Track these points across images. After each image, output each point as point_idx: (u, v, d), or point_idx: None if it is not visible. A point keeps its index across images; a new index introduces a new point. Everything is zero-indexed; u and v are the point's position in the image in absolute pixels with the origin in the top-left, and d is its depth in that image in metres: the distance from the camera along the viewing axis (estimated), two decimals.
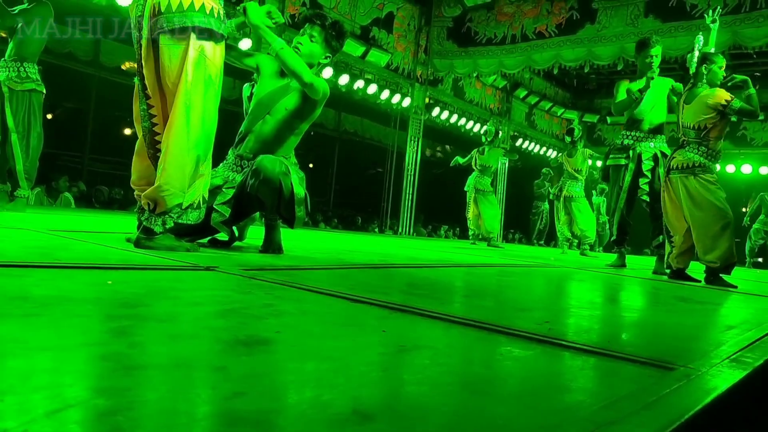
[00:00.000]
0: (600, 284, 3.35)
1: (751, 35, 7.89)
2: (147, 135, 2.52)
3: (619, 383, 1.02)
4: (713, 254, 3.85)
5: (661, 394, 0.92)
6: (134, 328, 1.07)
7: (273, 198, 2.85)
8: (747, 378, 1.11)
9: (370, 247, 4.71)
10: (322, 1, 9.31)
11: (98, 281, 1.56)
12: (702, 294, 3.07)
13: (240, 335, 1.08)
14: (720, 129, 4.03)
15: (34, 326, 1.02)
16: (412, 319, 1.46)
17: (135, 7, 2.51)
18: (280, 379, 0.85)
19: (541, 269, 4.07)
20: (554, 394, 0.94)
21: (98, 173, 9.81)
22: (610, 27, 8.97)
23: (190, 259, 2.20)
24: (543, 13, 9.59)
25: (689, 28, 8.06)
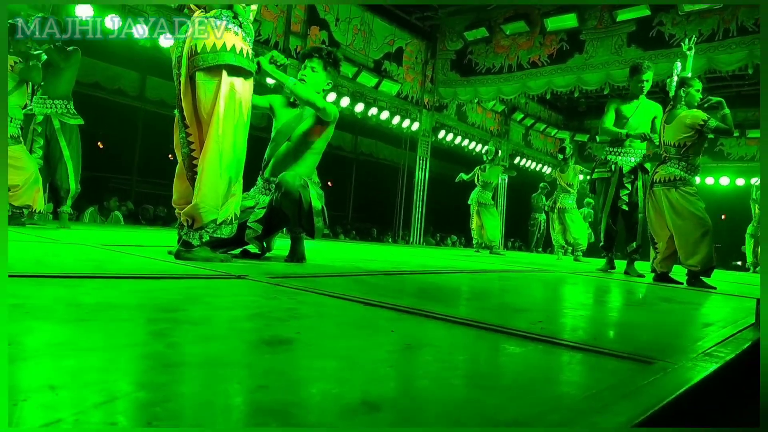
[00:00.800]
0: (590, 287, 3.33)
1: (725, 60, 7.84)
2: (185, 160, 2.56)
3: (603, 376, 1.02)
4: (694, 259, 3.81)
5: (639, 385, 0.92)
6: (172, 330, 1.09)
7: (294, 209, 2.91)
8: (719, 370, 1.10)
9: (384, 256, 4.72)
10: (339, 38, 9.41)
11: (141, 289, 1.58)
12: (684, 295, 3.03)
13: (265, 336, 1.09)
14: (698, 146, 4.00)
15: (85, 330, 1.04)
16: (419, 320, 1.46)
17: (175, 48, 2.57)
18: (299, 375, 0.86)
19: (537, 274, 4.04)
20: (544, 386, 0.94)
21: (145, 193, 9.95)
22: (596, 56, 8.95)
23: (223, 269, 2.22)
24: (536, 44, 9.60)
25: (668, 55, 8.03)
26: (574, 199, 8.51)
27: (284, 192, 2.89)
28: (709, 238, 3.81)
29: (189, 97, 2.48)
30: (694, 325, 1.95)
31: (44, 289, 1.41)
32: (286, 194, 2.89)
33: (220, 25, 2.45)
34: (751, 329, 1.70)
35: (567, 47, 9.27)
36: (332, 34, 9.32)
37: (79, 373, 0.76)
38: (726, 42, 7.81)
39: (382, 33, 10.24)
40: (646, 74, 4.65)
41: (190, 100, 2.48)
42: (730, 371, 1.19)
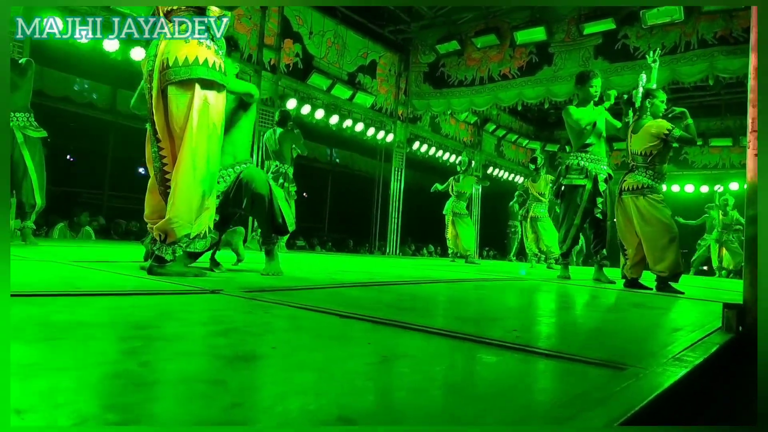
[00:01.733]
0: (563, 294, 3.37)
1: (687, 72, 8.09)
2: (158, 174, 2.52)
3: (576, 383, 1.03)
4: (662, 264, 3.89)
5: (611, 392, 0.93)
6: (145, 348, 1.06)
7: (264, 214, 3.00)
8: (688, 374, 1.13)
9: (361, 267, 4.71)
10: (313, 51, 9.43)
11: (113, 306, 1.55)
12: (653, 300, 3.09)
13: (240, 351, 1.07)
14: (664, 154, 4.10)
15: (55, 349, 1.01)
16: (396, 331, 1.46)
17: (147, 62, 2.54)
18: (274, 390, 0.85)
19: (512, 282, 4.08)
20: (518, 394, 0.95)
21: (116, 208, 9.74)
22: (565, 68, 9.15)
23: (197, 284, 2.19)
24: (506, 57, 9.77)
25: (633, 67, 8.26)
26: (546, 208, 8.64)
27: (255, 194, 2.96)
28: (675, 244, 3.90)
29: (161, 111, 2.45)
30: (664, 330, 1.98)
31: (13, 308, 1.37)
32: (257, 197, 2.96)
33: (191, 40, 2.43)
34: (718, 333, 1.74)
35: (536, 60, 9.46)
36: (306, 47, 9.34)
37: (49, 394, 0.74)
38: (687, 54, 8.07)
39: (356, 46, 10.30)
40: (596, 80, 4.71)
41: (162, 114, 2.45)
42: (699, 375, 1.21)
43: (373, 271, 4.21)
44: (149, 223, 2.59)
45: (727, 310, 1.79)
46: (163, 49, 2.43)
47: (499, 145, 14.77)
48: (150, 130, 2.54)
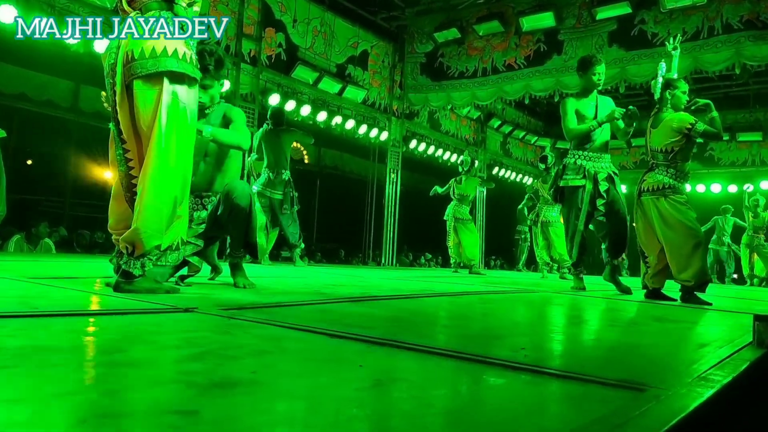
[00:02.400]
0: (577, 308, 3.37)
1: (711, 60, 8.14)
2: (123, 179, 2.52)
3: (591, 407, 1.03)
4: (687, 273, 3.90)
5: (630, 417, 0.93)
6: (110, 376, 1.06)
7: (241, 227, 3.08)
8: (715, 395, 1.13)
9: (353, 281, 4.70)
10: (297, 41, 9.45)
11: (75, 329, 1.54)
12: (677, 313, 3.10)
13: (215, 377, 1.07)
14: (686, 151, 4.12)
15: (9, 378, 1.00)
16: (391, 352, 1.46)
17: (108, 55, 2.53)
18: (253, 421, 0.84)
19: (520, 295, 4.09)
20: (528, 421, 0.94)
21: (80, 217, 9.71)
22: (576, 57, 9.15)
23: (169, 301, 2.18)
24: (512, 46, 9.82)
25: (651, 55, 8.32)
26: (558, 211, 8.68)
27: (234, 205, 3.02)
28: (701, 250, 3.92)
29: (126, 109, 2.45)
30: (689, 346, 1.99)
31: None
32: (237, 207, 3.02)
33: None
34: (749, 348, 1.75)
35: (545, 48, 9.51)
36: (289, 37, 9.36)
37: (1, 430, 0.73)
38: (711, 41, 8.13)
39: (345, 35, 10.33)
40: (600, 66, 4.69)
41: (128, 111, 2.45)
42: (727, 395, 1.21)
43: (367, 285, 4.20)
44: (114, 234, 2.58)
45: (759, 323, 1.79)
46: (128, 40, 2.43)
47: (505, 142, 14.83)
48: (114, 131, 2.53)
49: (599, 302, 3.76)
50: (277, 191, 7.01)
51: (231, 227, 3.09)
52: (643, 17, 8.67)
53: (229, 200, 3.04)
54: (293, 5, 9.40)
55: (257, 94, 8.88)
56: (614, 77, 8.89)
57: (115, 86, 2.47)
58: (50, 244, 7.91)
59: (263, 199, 6.83)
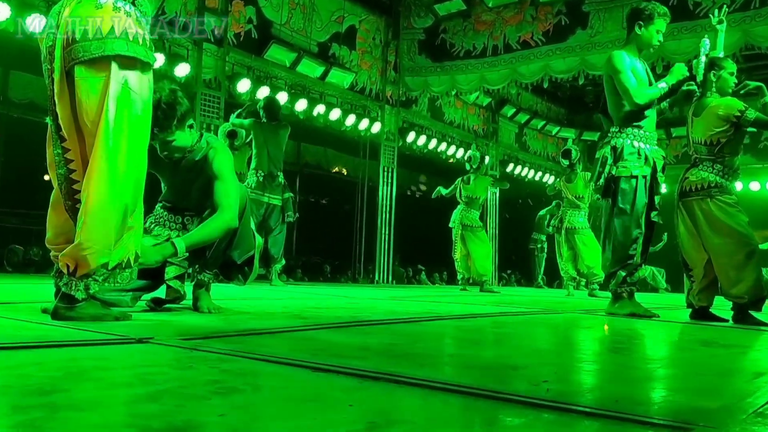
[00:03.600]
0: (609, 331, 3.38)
1: (764, 34, 8.19)
2: (63, 184, 2.51)
3: None
4: (739, 288, 3.92)
5: None
6: (47, 421, 1.05)
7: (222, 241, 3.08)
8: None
9: (341, 302, 4.69)
10: (271, 16, 9.47)
11: (5, 365, 1.53)
12: (728, 336, 3.12)
13: (176, 421, 1.07)
14: (735, 143, 4.15)
15: None
16: (386, 387, 1.46)
17: (46, 38, 2.53)
18: None
19: (540, 317, 4.09)
20: None
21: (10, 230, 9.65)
22: (604, 32, 9.26)
23: (119, 330, 2.17)
24: (527, 19, 9.88)
25: (694, 29, 8.37)
26: (586, 216, 8.71)
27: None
28: (755, 260, 3.94)
29: (66, 100, 2.44)
30: (743, 376, 2.00)
31: None
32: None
33: (106, 4, 2.43)
34: None
35: (566, 22, 9.57)
36: (261, 10, 9.38)
37: None
38: (764, 10, 8.19)
39: (328, 8, 10.37)
40: (664, 21, 4.36)
41: (68, 103, 2.44)
42: None
43: (358, 307, 4.20)
44: (53, 249, 2.57)
45: None
46: (68, 18, 2.43)
47: (521, 134, 14.91)
48: (52, 126, 2.52)
49: (634, 323, 3.77)
50: (275, 196, 7.09)
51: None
52: None
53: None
54: None
55: (223, 80, 8.87)
56: (649, 56, 8.92)
57: (53, 73, 2.47)
58: None
59: (257, 205, 6.87)
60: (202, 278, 3.19)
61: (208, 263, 3.17)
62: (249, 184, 7.00)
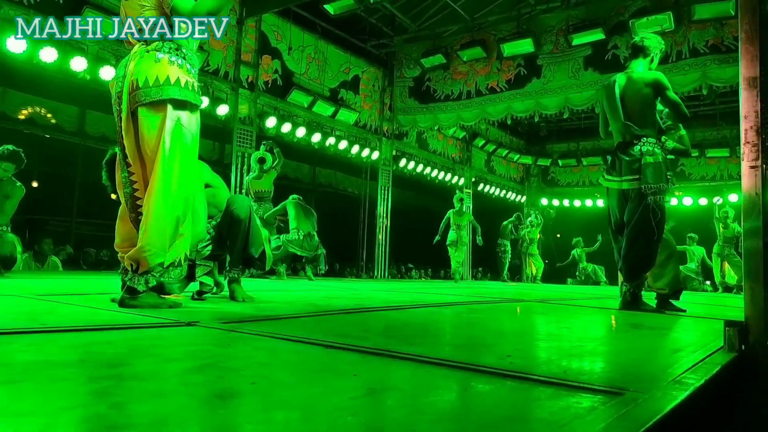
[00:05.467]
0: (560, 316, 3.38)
1: (680, 82, 8.25)
2: (128, 200, 2.51)
3: (573, 411, 1.03)
4: (662, 281, 3.92)
5: (609, 420, 0.94)
6: (115, 389, 1.05)
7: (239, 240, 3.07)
8: (689, 398, 1.13)
9: (347, 293, 4.68)
10: (293, 67, 9.50)
11: (82, 343, 1.52)
12: (653, 320, 3.12)
13: (217, 389, 1.06)
14: None
15: (17, 392, 0.99)
16: (384, 361, 1.46)
17: (115, 84, 2.54)
18: (251, 431, 0.84)
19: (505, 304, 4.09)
20: (513, 425, 0.94)
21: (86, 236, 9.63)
22: (554, 80, 9.30)
23: (172, 316, 2.17)
24: (494, 70, 9.92)
25: None
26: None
27: (234, 216, 3.03)
28: (674, 260, 3.94)
29: (131, 134, 2.45)
30: (664, 352, 2.00)
31: None
32: (235, 217, 3.03)
33: (162, 58, 2.44)
34: (720, 352, 1.76)
35: (525, 72, 9.62)
36: (285, 63, 9.40)
37: None
38: (680, 64, 8.25)
39: (338, 61, 10.40)
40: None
41: (133, 137, 2.45)
42: (701, 398, 1.22)
43: (361, 297, 4.19)
44: (120, 252, 2.57)
45: (729, 329, 1.81)
46: (132, 69, 2.44)
47: (489, 160, 14.92)
48: (120, 155, 2.53)
49: (580, 311, 3.77)
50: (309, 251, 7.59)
51: (230, 241, 3.07)
52: (616, 42, 8.80)
53: (229, 211, 3.06)
54: (288, 34, 9.46)
55: (255, 117, 8.90)
56: (590, 98, 8.99)
57: (121, 113, 2.48)
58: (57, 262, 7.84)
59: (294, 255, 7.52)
60: (232, 275, 3.19)
61: (233, 262, 3.17)
62: (290, 240, 7.38)
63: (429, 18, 10.39)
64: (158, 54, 2.46)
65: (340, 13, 8.84)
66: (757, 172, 1.98)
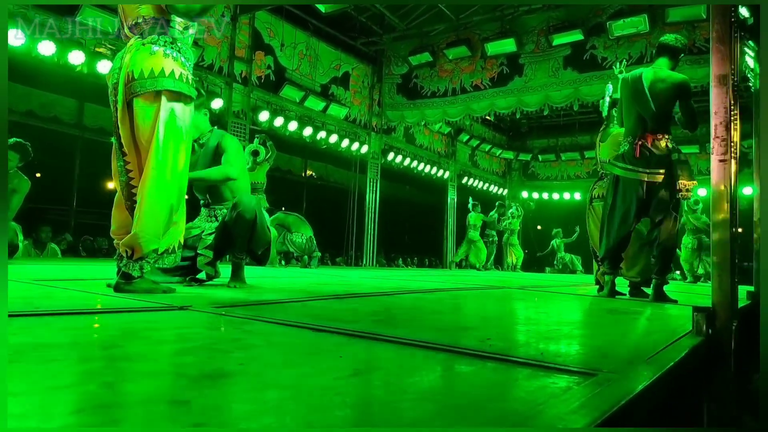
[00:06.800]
0: (538, 301, 3.39)
1: None
2: (124, 188, 2.47)
3: (549, 391, 1.03)
4: (634, 270, 3.96)
5: (583, 399, 0.93)
6: (106, 369, 1.03)
7: (245, 233, 3.06)
8: (659, 379, 1.14)
9: (337, 279, 4.67)
10: (285, 63, 9.41)
11: (75, 326, 1.49)
12: (627, 306, 3.14)
13: (207, 369, 1.04)
14: None
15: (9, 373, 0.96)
16: (369, 344, 1.44)
17: (111, 76, 2.50)
18: (240, 409, 0.82)
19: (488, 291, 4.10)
20: (492, 404, 0.94)
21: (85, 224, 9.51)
22: (535, 78, 9.31)
23: (165, 300, 2.14)
24: (478, 68, 9.91)
25: (602, 77, 8.44)
26: None
27: (240, 217, 3.03)
28: (646, 250, 3.97)
29: (127, 124, 2.41)
30: (636, 335, 2.01)
31: None
32: (241, 216, 3.02)
33: (158, 51, 2.40)
34: (688, 336, 1.77)
35: (507, 71, 9.61)
36: (278, 59, 9.32)
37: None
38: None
39: (328, 58, 10.32)
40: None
41: (128, 127, 2.41)
42: (669, 378, 1.22)
43: (349, 283, 4.18)
44: (116, 238, 2.53)
45: (697, 314, 1.82)
46: (128, 62, 2.40)
47: (473, 154, 14.93)
48: (116, 144, 2.49)
49: (557, 297, 3.79)
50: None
51: (236, 233, 3.08)
52: (594, 43, 8.81)
53: (235, 211, 3.07)
54: (281, 31, 9.36)
55: (248, 111, 8.81)
56: (568, 96, 9.02)
57: (117, 104, 2.43)
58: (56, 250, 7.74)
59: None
60: (237, 260, 3.18)
61: (236, 250, 3.15)
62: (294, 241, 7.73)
63: (416, 17, 10.34)
64: (154, 47, 2.42)
65: (332, 12, 8.77)
66: (725, 165, 1.99)
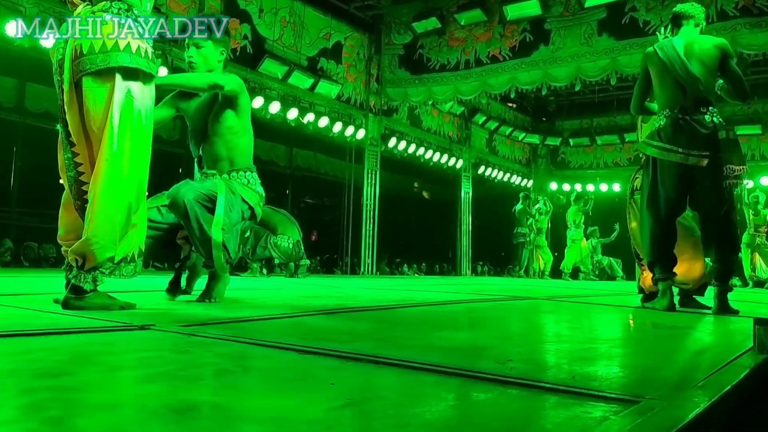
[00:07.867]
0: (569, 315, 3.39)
1: None
2: (73, 185, 2.47)
3: (582, 422, 1.03)
4: (685, 275, 3.94)
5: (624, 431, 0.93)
6: (52, 402, 1.03)
7: (191, 231, 2.97)
8: (713, 405, 1.13)
9: (329, 291, 4.67)
10: (264, 33, 9.41)
11: (16, 351, 1.50)
12: (674, 319, 3.14)
13: (171, 401, 1.05)
14: None
15: None
16: (366, 368, 1.45)
17: (56, 51, 2.49)
18: None
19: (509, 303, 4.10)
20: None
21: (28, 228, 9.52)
22: (564, 47, 9.30)
23: (124, 318, 2.15)
24: (495, 36, 9.90)
25: (644, 44, 8.40)
26: None
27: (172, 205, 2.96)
28: (700, 250, 3.96)
29: (75, 108, 2.40)
30: (686, 354, 2.01)
31: None
32: (172, 205, 2.96)
33: (111, 21, 2.39)
34: (749, 354, 1.77)
35: (531, 38, 9.60)
36: (255, 28, 9.31)
37: None
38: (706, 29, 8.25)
39: (317, 25, 10.32)
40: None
41: (77, 111, 2.41)
42: (726, 404, 1.22)
43: (343, 295, 4.19)
44: (64, 245, 2.54)
45: (759, 327, 1.81)
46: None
47: (491, 139, 14.93)
48: (62, 133, 2.49)
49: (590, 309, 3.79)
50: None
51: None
52: (635, 4, 8.80)
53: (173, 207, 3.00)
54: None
55: None
56: (604, 68, 9.00)
57: (63, 84, 2.43)
58: None
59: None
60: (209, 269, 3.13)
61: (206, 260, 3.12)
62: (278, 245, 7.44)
63: None
64: (105, 15, 2.41)
65: None
66: None
